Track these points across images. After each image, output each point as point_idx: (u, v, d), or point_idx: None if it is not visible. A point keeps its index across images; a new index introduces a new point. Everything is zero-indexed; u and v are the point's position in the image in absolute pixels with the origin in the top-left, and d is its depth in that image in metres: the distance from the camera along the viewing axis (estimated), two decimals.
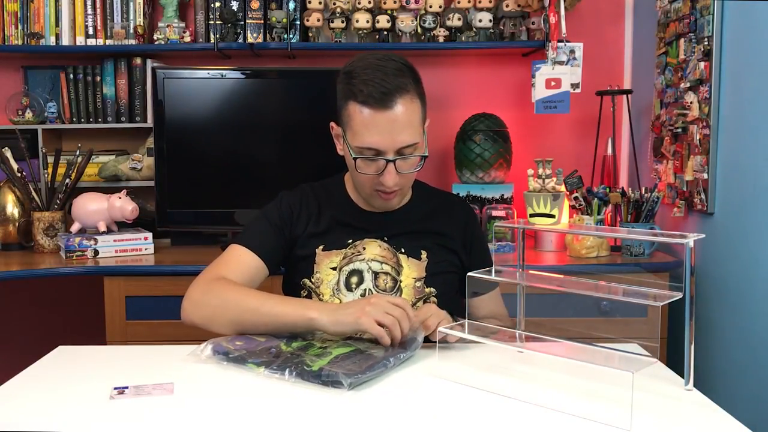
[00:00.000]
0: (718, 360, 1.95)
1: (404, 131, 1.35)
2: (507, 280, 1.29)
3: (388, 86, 1.33)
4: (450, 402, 1.10)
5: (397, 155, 1.37)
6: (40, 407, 1.08)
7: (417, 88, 1.39)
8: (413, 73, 1.40)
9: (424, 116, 1.42)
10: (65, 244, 2.24)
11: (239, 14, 2.53)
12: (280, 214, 1.51)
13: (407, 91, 1.36)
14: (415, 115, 1.37)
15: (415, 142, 1.37)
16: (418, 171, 1.43)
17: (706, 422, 1.02)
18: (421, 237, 1.50)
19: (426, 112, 1.43)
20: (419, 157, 1.40)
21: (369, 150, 1.37)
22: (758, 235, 1.77)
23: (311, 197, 1.54)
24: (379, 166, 1.38)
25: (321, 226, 1.50)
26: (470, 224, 1.57)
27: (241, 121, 2.36)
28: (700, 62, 2.00)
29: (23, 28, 2.53)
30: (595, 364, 1.08)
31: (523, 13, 2.49)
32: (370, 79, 1.34)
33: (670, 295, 1.09)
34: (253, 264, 1.44)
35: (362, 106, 1.35)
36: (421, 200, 1.56)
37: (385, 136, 1.34)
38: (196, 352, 1.29)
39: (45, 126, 2.54)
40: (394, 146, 1.35)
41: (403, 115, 1.34)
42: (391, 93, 1.33)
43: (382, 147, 1.35)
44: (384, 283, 1.45)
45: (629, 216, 2.25)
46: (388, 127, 1.34)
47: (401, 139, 1.35)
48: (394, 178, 1.38)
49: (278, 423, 1.03)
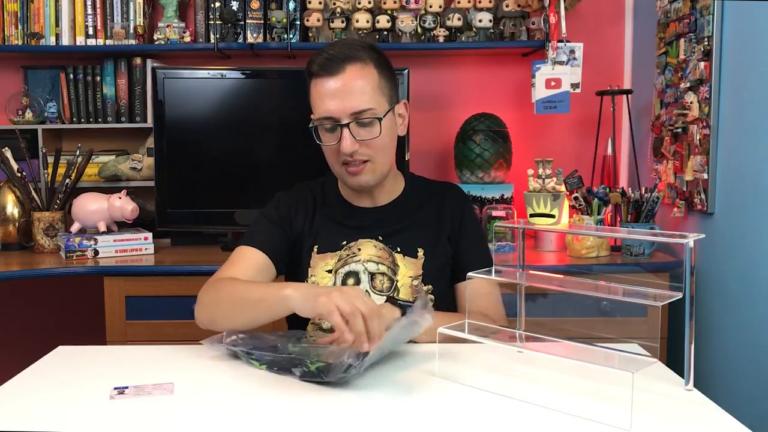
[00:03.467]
0: (718, 360, 1.95)
1: (355, 95, 1.37)
2: (507, 280, 1.28)
3: (336, 55, 1.38)
4: (450, 402, 1.10)
5: (351, 120, 1.38)
6: (40, 407, 1.08)
7: (374, 59, 1.41)
8: (372, 48, 1.43)
9: (386, 88, 1.43)
10: (65, 244, 2.24)
11: (239, 14, 2.54)
12: (279, 213, 1.52)
13: (358, 59, 1.39)
14: (368, 81, 1.39)
15: (369, 108, 1.38)
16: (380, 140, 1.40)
17: (706, 422, 1.02)
18: (416, 232, 1.49)
19: (393, 87, 1.45)
20: (377, 124, 1.39)
21: (326, 120, 1.39)
22: (758, 235, 1.77)
23: (308, 195, 1.55)
24: (337, 135, 1.40)
25: (314, 224, 1.51)
26: (461, 210, 1.54)
27: (241, 121, 2.36)
28: (700, 62, 2.00)
29: (23, 28, 2.53)
30: (595, 364, 1.08)
31: (523, 13, 2.49)
32: (323, 51, 1.40)
33: (670, 295, 1.09)
34: (260, 261, 1.45)
35: (314, 78, 1.40)
36: (413, 190, 1.56)
37: (336, 101, 1.37)
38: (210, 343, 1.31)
39: (45, 126, 2.54)
40: (345, 111, 1.37)
41: (353, 81, 1.37)
42: (337, 59, 1.37)
43: (335, 113, 1.38)
44: (381, 283, 1.45)
45: (629, 216, 2.25)
46: (338, 92, 1.37)
47: (353, 103, 1.37)
48: (351, 143, 1.38)
49: (278, 423, 1.03)
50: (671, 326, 2.09)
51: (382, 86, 1.42)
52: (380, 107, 1.40)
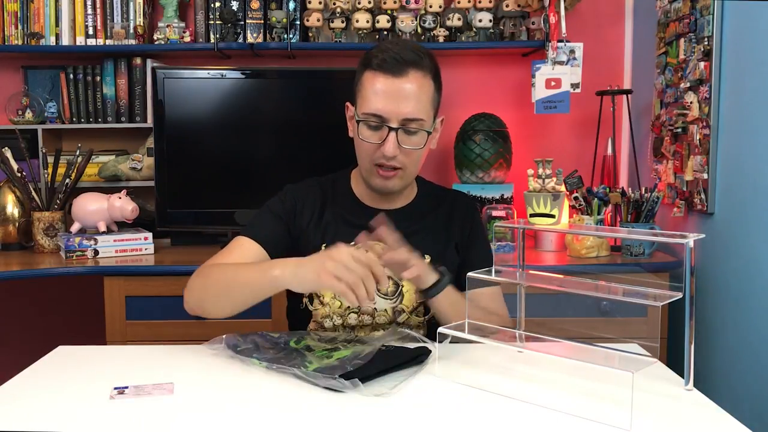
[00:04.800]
0: (718, 360, 1.95)
1: (411, 102, 1.36)
2: (507, 280, 1.29)
3: (404, 57, 1.37)
4: (450, 402, 1.10)
5: (400, 125, 1.38)
6: (40, 407, 1.08)
7: (432, 71, 1.41)
8: (432, 58, 1.42)
9: (436, 101, 1.44)
10: (65, 244, 2.24)
11: (239, 14, 2.54)
12: (283, 207, 1.51)
13: (422, 66, 1.38)
14: (425, 92, 1.38)
15: (421, 118, 1.38)
16: (419, 152, 1.42)
17: (706, 422, 1.02)
18: (424, 238, 1.48)
19: (439, 102, 1.45)
20: (423, 136, 1.40)
21: (374, 117, 1.38)
22: (758, 235, 1.77)
23: (317, 191, 1.54)
24: (381, 134, 1.39)
25: (323, 221, 1.50)
26: (470, 220, 1.56)
27: (241, 121, 2.36)
28: (700, 62, 2.00)
29: (23, 28, 2.53)
30: (595, 364, 1.08)
31: (523, 13, 2.49)
32: (387, 49, 1.38)
33: (670, 295, 1.09)
34: (256, 253, 1.44)
35: (375, 72, 1.38)
36: (424, 197, 1.56)
37: (391, 103, 1.36)
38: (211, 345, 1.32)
39: (45, 126, 2.54)
40: (399, 115, 1.36)
41: (413, 87, 1.37)
42: (405, 62, 1.36)
43: (387, 113, 1.37)
44: (386, 287, 1.44)
45: (629, 216, 2.25)
46: (396, 94, 1.36)
47: (407, 109, 1.36)
48: (395, 147, 1.38)
49: (278, 422, 1.03)
50: (671, 326, 2.09)
51: (434, 100, 1.43)
52: (429, 120, 1.41)
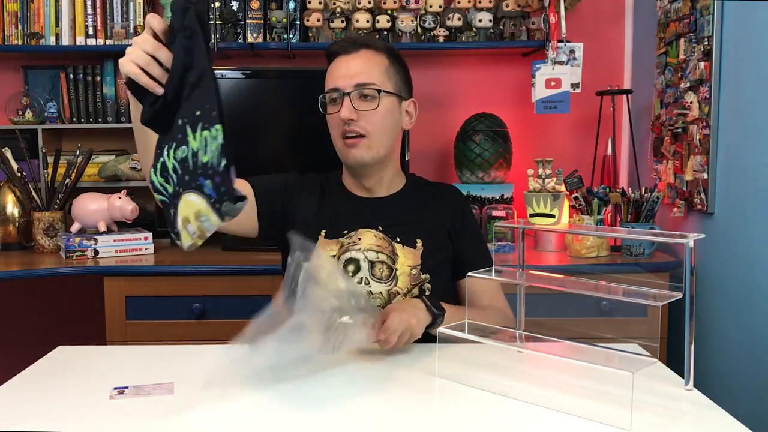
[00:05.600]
0: (718, 360, 1.95)
1: (362, 70, 1.48)
2: (507, 280, 1.29)
3: (356, 39, 1.54)
4: (450, 402, 1.10)
5: (354, 90, 1.46)
6: (40, 407, 1.08)
7: (388, 51, 1.52)
8: (390, 45, 1.56)
9: (394, 75, 1.52)
10: (65, 244, 2.24)
11: (239, 14, 2.53)
12: (287, 181, 1.60)
13: (373, 46, 1.51)
14: (376, 62, 1.49)
15: (372, 82, 1.47)
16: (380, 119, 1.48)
17: (706, 422, 1.02)
18: (416, 225, 1.53)
19: (404, 80, 1.55)
20: (382, 104, 1.47)
21: (332, 91, 1.49)
22: (758, 235, 1.77)
23: (316, 182, 1.62)
24: (339, 105, 1.48)
25: (321, 210, 1.56)
26: (461, 210, 1.59)
27: (241, 121, 2.35)
28: (700, 62, 2.00)
29: (23, 28, 2.53)
30: (595, 364, 1.08)
31: (523, 13, 2.49)
32: (345, 38, 1.55)
33: (670, 295, 1.09)
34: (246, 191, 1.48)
35: (333, 57, 1.52)
36: (414, 189, 1.61)
37: (344, 74, 1.48)
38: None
39: (45, 126, 2.54)
40: (351, 81, 1.47)
41: (364, 59, 1.49)
42: (356, 43, 1.51)
43: (342, 84, 1.47)
44: (380, 271, 1.48)
45: (629, 216, 2.25)
46: (347, 67, 1.48)
47: (358, 77, 1.47)
48: (350, 110, 1.46)
49: (278, 422, 1.03)
50: (671, 326, 2.09)
51: (391, 73, 1.51)
52: (384, 86, 1.49)
